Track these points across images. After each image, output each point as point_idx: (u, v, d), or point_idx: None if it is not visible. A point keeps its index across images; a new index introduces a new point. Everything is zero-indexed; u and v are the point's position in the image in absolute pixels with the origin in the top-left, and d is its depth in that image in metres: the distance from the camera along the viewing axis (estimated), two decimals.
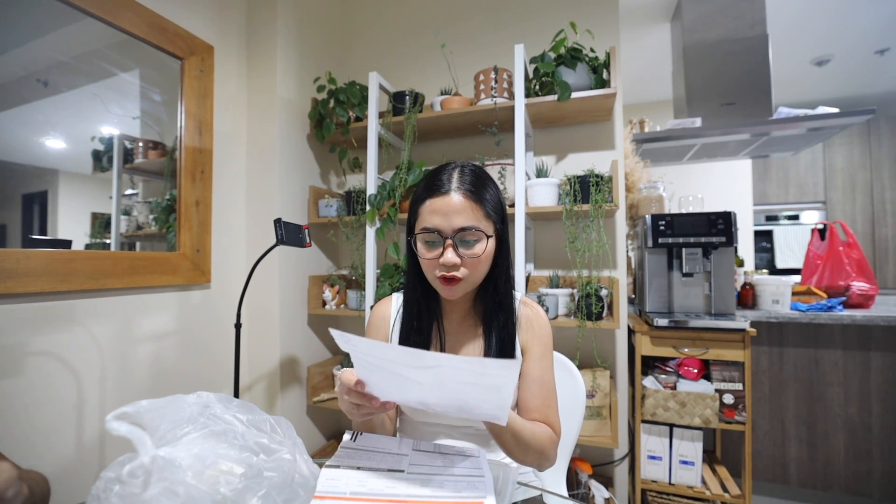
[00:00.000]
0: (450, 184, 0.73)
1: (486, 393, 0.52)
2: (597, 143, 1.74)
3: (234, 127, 1.71)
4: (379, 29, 2.11)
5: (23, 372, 1.06)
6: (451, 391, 0.53)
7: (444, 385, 0.52)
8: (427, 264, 0.75)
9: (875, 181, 3.62)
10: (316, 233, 1.92)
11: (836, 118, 2.03)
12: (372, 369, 0.54)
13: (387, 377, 0.54)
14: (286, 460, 0.48)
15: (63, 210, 1.18)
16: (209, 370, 1.59)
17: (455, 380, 0.51)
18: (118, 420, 0.41)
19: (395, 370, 0.52)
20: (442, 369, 0.50)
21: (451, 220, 0.71)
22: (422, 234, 0.73)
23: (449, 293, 0.75)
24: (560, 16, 1.75)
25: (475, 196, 0.73)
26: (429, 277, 0.77)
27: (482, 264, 0.75)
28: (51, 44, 1.16)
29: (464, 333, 0.85)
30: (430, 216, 0.73)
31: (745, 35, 2.25)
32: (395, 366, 0.51)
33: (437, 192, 0.73)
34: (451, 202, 0.72)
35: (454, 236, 0.71)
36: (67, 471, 1.15)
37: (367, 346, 0.51)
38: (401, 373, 0.52)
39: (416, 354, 0.48)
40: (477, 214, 0.73)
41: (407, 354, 0.49)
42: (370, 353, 0.52)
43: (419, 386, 0.53)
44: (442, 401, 0.56)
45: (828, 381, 1.81)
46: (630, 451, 1.68)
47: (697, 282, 1.69)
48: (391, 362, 0.51)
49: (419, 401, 0.58)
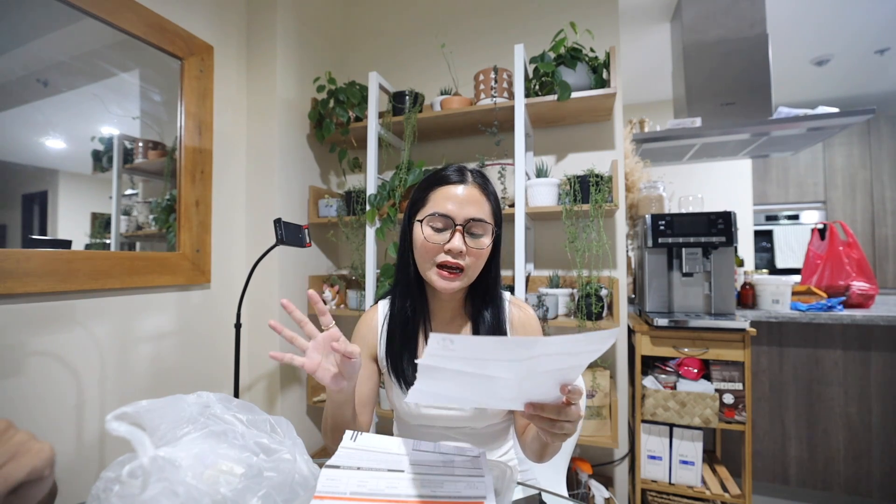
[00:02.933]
0: (464, 176, 0.76)
1: (567, 374, 0.50)
2: (597, 143, 1.74)
3: (233, 127, 1.71)
4: (379, 29, 2.11)
5: (23, 372, 1.06)
6: (534, 381, 0.50)
7: (529, 376, 0.48)
8: (430, 249, 0.74)
9: (875, 181, 3.62)
10: (316, 233, 1.92)
11: (835, 118, 2.03)
12: (445, 376, 0.48)
13: (462, 380, 0.49)
14: (286, 460, 0.48)
15: (63, 210, 1.18)
16: (209, 370, 1.59)
17: (545, 368, 0.48)
18: (118, 420, 0.41)
19: (484, 370, 0.47)
20: (540, 358, 0.46)
21: (463, 208, 0.73)
22: (431, 218, 0.74)
23: (446, 285, 0.74)
24: (560, 16, 1.75)
25: (485, 192, 0.77)
26: (425, 267, 0.76)
27: (482, 260, 0.76)
28: (51, 44, 1.16)
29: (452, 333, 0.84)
30: (442, 202, 0.74)
31: (745, 35, 2.25)
32: (489, 363, 0.46)
33: (451, 181, 0.76)
34: (465, 191, 0.75)
35: (465, 224, 0.73)
36: (67, 471, 1.15)
37: (473, 344, 0.45)
38: (487, 372, 0.47)
39: (525, 343, 0.45)
40: (485, 209, 0.76)
41: (516, 345, 0.45)
42: (475, 353, 0.45)
43: (501, 382, 0.49)
44: (511, 395, 0.53)
45: (828, 381, 1.81)
46: (630, 450, 1.68)
47: (697, 282, 1.69)
48: (488, 360, 0.46)
49: (479, 401, 0.56)
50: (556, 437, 0.56)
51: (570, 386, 0.52)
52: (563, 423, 0.54)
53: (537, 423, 0.56)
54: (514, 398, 0.54)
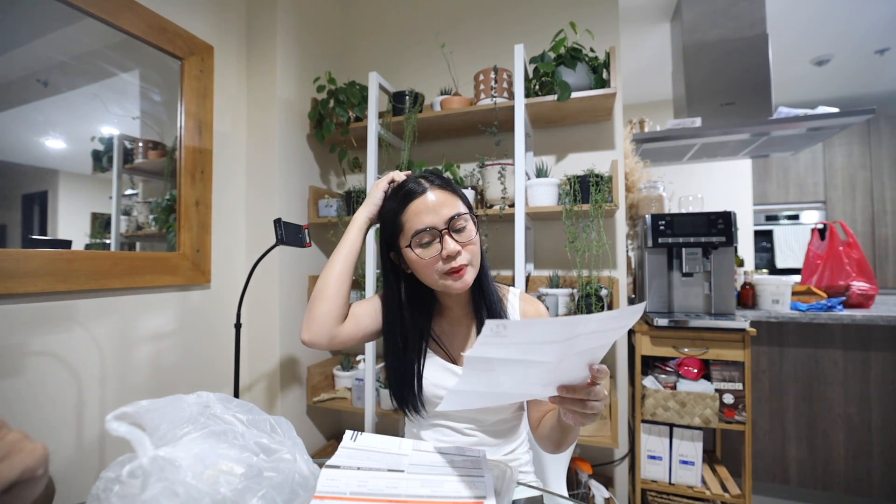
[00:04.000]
0: (422, 186, 0.76)
1: (595, 353, 0.52)
2: (597, 143, 1.74)
3: (234, 127, 1.72)
4: (379, 29, 2.11)
5: (23, 372, 1.06)
6: (569, 363, 0.51)
7: (566, 357, 0.50)
8: (428, 265, 0.74)
9: (875, 181, 3.62)
10: (316, 233, 1.92)
11: (835, 118, 2.03)
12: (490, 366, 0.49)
13: (504, 370, 0.50)
14: (286, 460, 0.48)
15: (63, 210, 1.18)
16: (209, 370, 1.59)
17: (581, 347, 0.49)
18: (118, 420, 0.41)
19: (528, 355, 0.48)
20: (580, 337, 0.47)
21: (438, 212, 0.74)
22: (416, 238, 0.74)
23: (461, 284, 0.74)
24: (560, 16, 1.75)
25: (449, 188, 0.77)
26: (430, 281, 0.76)
27: (477, 247, 0.77)
28: (51, 44, 1.16)
29: (461, 328, 0.85)
30: (416, 218, 0.74)
31: (745, 35, 2.25)
32: (535, 347, 0.47)
33: (414, 197, 0.75)
34: (432, 198, 0.75)
35: (448, 226, 0.73)
36: (67, 471, 1.15)
37: (525, 326, 0.46)
38: (532, 357, 0.48)
39: (570, 322, 0.45)
40: (457, 203, 0.76)
41: (562, 325, 0.45)
42: (526, 336, 0.46)
43: (540, 367, 0.50)
44: (546, 379, 0.54)
45: (828, 381, 1.80)
46: (630, 450, 1.68)
47: (697, 282, 1.69)
48: (535, 344, 0.47)
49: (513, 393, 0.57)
50: (586, 418, 0.58)
51: (597, 365, 0.54)
52: (593, 403, 0.56)
53: (568, 406, 0.58)
54: (548, 383, 0.56)
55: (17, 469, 0.38)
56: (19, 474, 0.38)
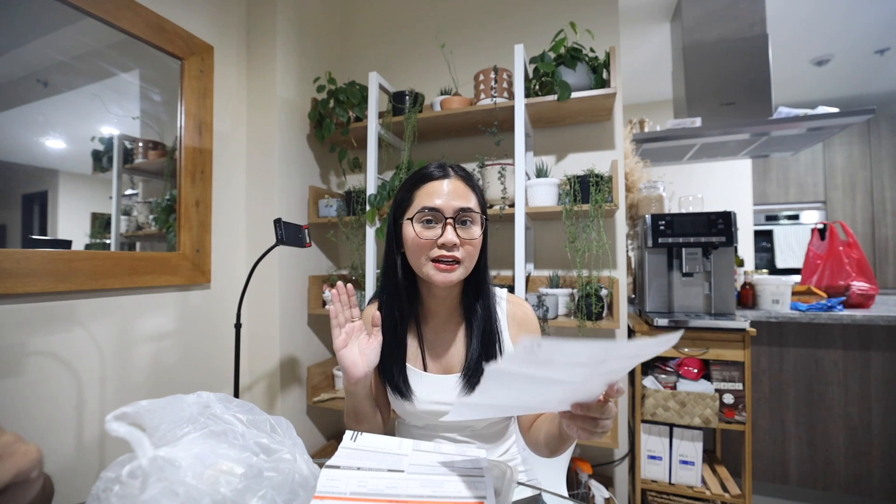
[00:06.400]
0: (445, 171, 0.77)
1: (616, 374, 0.51)
2: (597, 143, 1.74)
3: (234, 127, 1.71)
4: (379, 29, 2.11)
5: (23, 372, 1.06)
6: (592, 383, 0.50)
7: (590, 378, 0.48)
8: (422, 245, 0.73)
9: (875, 181, 3.62)
10: (316, 233, 1.92)
11: (835, 118, 2.03)
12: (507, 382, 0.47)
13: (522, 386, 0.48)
14: (286, 460, 0.48)
15: (63, 210, 1.18)
16: (209, 370, 1.59)
17: (606, 369, 0.47)
18: (118, 420, 0.41)
19: (550, 374, 0.46)
20: (611, 361, 0.46)
21: (450, 200, 0.74)
22: (420, 215, 0.73)
23: (444, 277, 0.73)
24: (560, 16, 1.75)
25: (470, 183, 0.78)
26: (419, 264, 0.75)
27: (477, 250, 0.76)
28: (51, 44, 1.16)
29: (446, 333, 0.84)
30: (428, 198, 0.74)
31: (745, 35, 2.25)
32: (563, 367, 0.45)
33: (434, 177, 0.76)
34: (450, 185, 0.75)
35: (454, 216, 0.73)
36: (67, 471, 1.15)
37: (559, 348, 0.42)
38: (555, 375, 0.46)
39: (606, 347, 0.43)
40: (472, 200, 0.76)
41: (599, 349, 0.43)
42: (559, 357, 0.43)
43: (561, 386, 0.49)
44: (563, 397, 0.53)
45: (828, 381, 1.80)
46: (630, 450, 1.68)
47: (697, 282, 1.69)
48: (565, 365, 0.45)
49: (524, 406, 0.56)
50: (594, 435, 0.57)
51: (617, 385, 0.53)
52: (604, 422, 0.56)
53: (579, 423, 0.57)
54: (564, 400, 0.55)
55: (10, 472, 0.38)
56: (12, 477, 0.38)
